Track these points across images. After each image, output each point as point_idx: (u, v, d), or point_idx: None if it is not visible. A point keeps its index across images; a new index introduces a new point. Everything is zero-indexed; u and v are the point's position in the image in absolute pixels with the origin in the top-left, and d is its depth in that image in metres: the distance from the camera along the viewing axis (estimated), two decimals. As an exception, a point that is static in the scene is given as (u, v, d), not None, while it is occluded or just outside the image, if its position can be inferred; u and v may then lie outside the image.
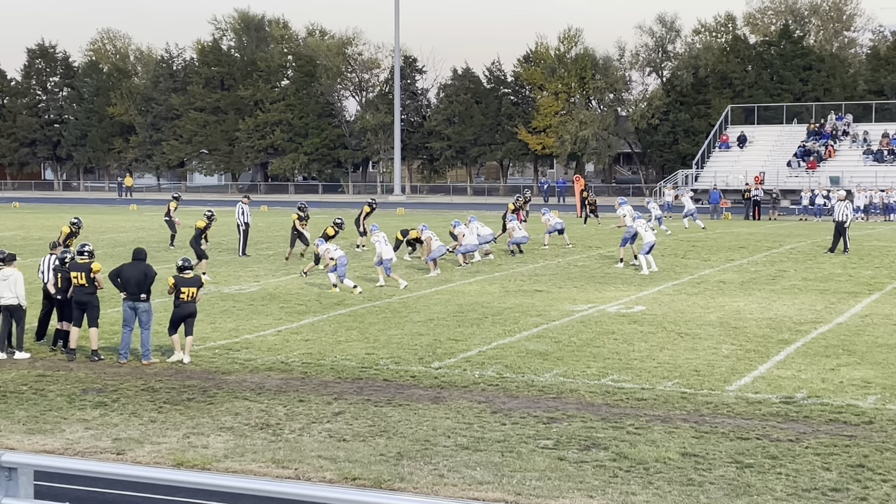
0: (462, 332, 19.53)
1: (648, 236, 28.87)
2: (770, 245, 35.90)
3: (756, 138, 71.30)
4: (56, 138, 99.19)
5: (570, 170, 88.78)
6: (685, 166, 72.83)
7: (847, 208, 33.65)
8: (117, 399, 14.67)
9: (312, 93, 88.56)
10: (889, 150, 65.32)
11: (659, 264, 28.88)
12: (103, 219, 53.36)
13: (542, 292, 24.71)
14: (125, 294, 17.11)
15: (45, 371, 16.57)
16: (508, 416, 13.52)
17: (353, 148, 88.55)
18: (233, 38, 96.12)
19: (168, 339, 17.43)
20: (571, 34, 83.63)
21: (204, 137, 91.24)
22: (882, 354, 17.19)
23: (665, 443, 12.31)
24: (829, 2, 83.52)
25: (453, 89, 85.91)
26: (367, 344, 18.44)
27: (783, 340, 18.46)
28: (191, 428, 13.18)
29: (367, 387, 15.26)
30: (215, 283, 26.11)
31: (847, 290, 24.68)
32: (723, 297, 23.69)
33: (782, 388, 14.88)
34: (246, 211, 32.99)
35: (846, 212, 33.27)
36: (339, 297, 24.00)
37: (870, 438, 12.45)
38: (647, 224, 30.03)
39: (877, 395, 14.51)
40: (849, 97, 73.87)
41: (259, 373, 16.26)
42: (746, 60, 78.77)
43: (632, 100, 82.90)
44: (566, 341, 18.48)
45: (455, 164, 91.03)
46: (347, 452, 12.08)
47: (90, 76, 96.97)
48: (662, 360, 16.90)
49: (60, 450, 12.40)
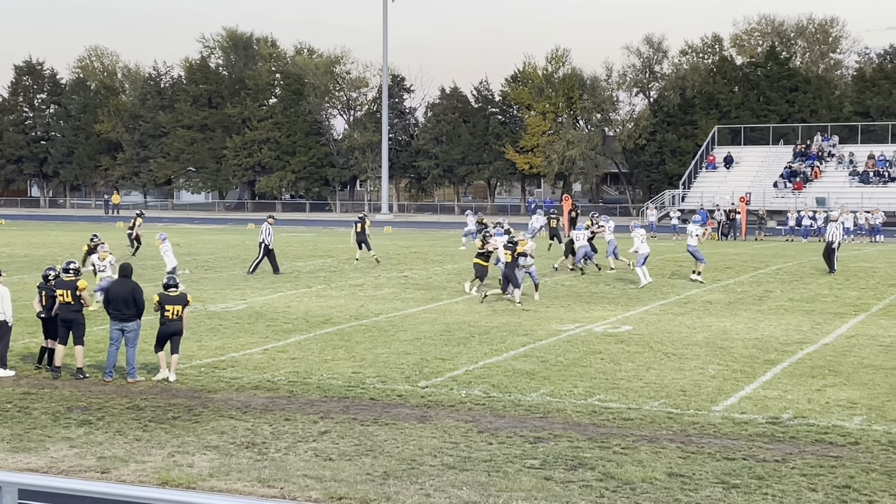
0: (449, 351, 19.51)
1: (643, 248, 29.42)
2: (756, 265, 35.98)
3: (743, 159, 71.60)
4: (43, 155, 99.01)
5: (557, 189, 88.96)
6: (672, 186, 73.06)
7: (838, 229, 33.90)
8: (102, 417, 14.59)
9: (300, 111, 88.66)
10: (875, 171, 65.65)
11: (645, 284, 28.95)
12: (89, 236, 53.12)
13: (529, 311, 24.70)
14: (112, 314, 17.02)
15: (29, 389, 16.49)
16: (495, 436, 13.49)
17: (340, 166, 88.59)
18: (221, 56, 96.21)
19: (154, 356, 17.36)
20: (559, 54, 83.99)
21: (191, 155, 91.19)
22: (868, 375, 17.21)
23: (652, 463, 12.30)
24: (815, 24, 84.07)
25: (441, 108, 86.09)
26: (353, 363, 18.40)
27: (769, 361, 18.48)
28: (176, 447, 13.12)
29: (354, 406, 15.21)
30: (201, 300, 26.04)
31: (833, 311, 24.74)
32: (709, 317, 23.72)
33: (769, 409, 14.88)
34: (270, 231, 33.22)
35: (836, 233, 33.53)
36: (325, 315, 23.96)
37: (856, 459, 12.46)
38: (643, 235, 30.23)
39: (863, 415, 14.53)
40: (835, 119, 74.24)
41: (245, 391, 16.20)
42: (733, 81, 79.15)
43: (619, 120, 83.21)
44: (553, 361, 18.47)
45: (442, 183, 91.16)
46: (333, 472, 12.04)
47: (77, 93, 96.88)
48: (649, 379, 16.90)
49: (45, 468, 12.32)
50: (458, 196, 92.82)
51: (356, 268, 35.10)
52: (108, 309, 17.11)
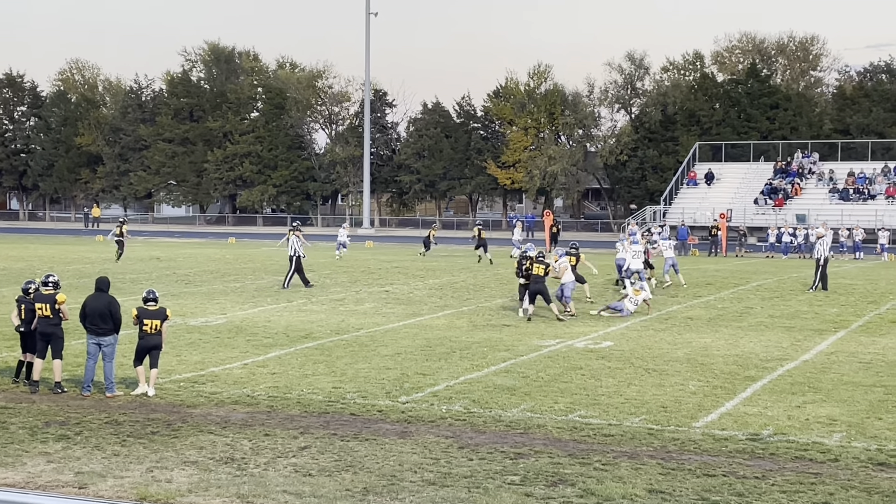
0: (430, 366, 19.47)
1: (635, 264, 30.27)
2: (737, 282, 36.08)
3: (723, 175, 71.92)
4: (22, 168, 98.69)
5: (538, 204, 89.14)
6: (653, 202, 73.31)
7: (823, 245, 33.91)
8: (80, 432, 14.49)
9: (282, 125, 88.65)
10: (854, 188, 66.01)
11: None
12: (69, 249, 53.00)
13: (511, 327, 24.69)
14: (88, 329, 16.91)
15: (6, 403, 16.36)
16: (475, 452, 13.46)
17: (322, 180, 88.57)
18: (202, 70, 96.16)
19: (132, 371, 17.26)
20: (541, 70, 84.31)
21: (172, 168, 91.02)
22: (847, 392, 17.26)
23: (632, 479, 12.28)
24: (796, 42, 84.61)
25: (423, 123, 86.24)
26: (334, 378, 18.34)
27: (750, 377, 18.51)
28: (154, 462, 13.03)
29: (334, 421, 15.15)
30: (181, 314, 25.93)
31: (813, 328, 24.82)
32: (690, 334, 23.76)
33: (749, 425, 14.90)
34: (301, 242, 33.49)
35: (822, 249, 33.59)
36: (306, 329, 23.89)
37: (835, 476, 12.47)
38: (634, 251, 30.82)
39: (842, 432, 14.55)
40: (815, 136, 74.69)
41: (224, 406, 16.12)
42: (714, 98, 79.56)
43: (601, 136, 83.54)
44: (534, 376, 18.45)
45: (424, 198, 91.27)
46: (313, 487, 11.98)
47: (58, 106, 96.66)
48: (630, 395, 16.90)
49: (21, 483, 12.21)
50: (439, 211, 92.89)
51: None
52: (84, 323, 17.02)
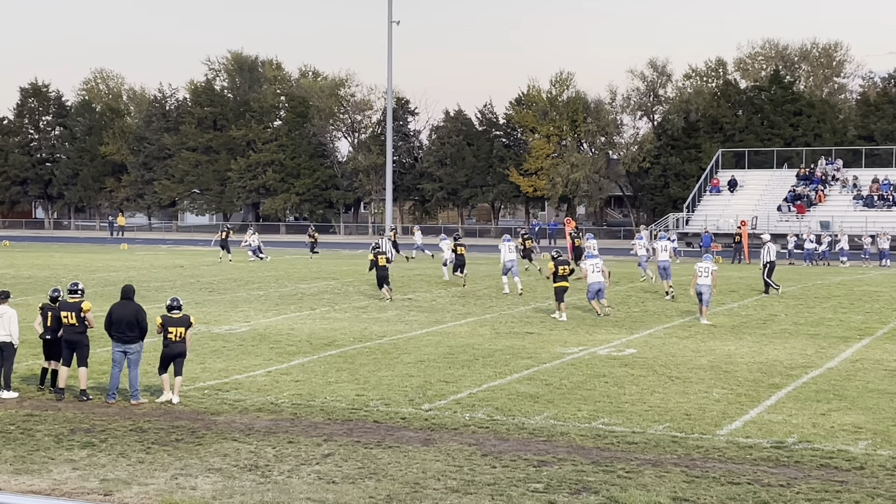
0: (453, 373, 19.47)
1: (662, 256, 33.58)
2: (761, 288, 35.92)
3: (746, 182, 71.63)
4: (47, 177, 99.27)
5: (561, 212, 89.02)
6: (676, 210, 73.08)
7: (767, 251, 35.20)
8: (105, 439, 14.57)
9: (305, 133, 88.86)
10: (879, 195, 65.64)
11: (649, 307, 28.92)
12: (94, 258, 53.30)
13: (533, 334, 24.68)
14: (114, 337, 16.99)
15: (32, 411, 16.47)
16: (499, 459, 13.45)
17: (344, 189, 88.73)
18: (226, 79, 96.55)
19: (157, 378, 17.35)
20: (563, 77, 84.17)
21: (196, 177, 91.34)
22: (873, 400, 17.17)
23: (656, 487, 12.25)
24: (819, 48, 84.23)
25: (445, 131, 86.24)
26: (357, 385, 18.37)
27: (774, 385, 18.43)
28: (179, 469, 13.09)
29: (357, 428, 15.18)
30: (205, 322, 26.03)
31: (837, 335, 24.69)
32: (714, 341, 23.68)
33: (773, 433, 14.84)
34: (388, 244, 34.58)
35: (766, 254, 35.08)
36: (329, 337, 23.94)
37: (861, 484, 12.41)
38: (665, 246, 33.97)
39: (868, 440, 14.48)
40: (839, 142, 74.30)
41: (248, 414, 16.17)
42: (737, 105, 79.27)
43: (623, 143, 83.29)
44: (557, 384, 18.43)
45: (446, 206, 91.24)
46: (336, 495, 12.00)
47: (83, 115, 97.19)
48: (653, 403, 16.86)
49: (47, 490, 12.29)
50: (462, 219, 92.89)
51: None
52: (110, 331, 17.11)
